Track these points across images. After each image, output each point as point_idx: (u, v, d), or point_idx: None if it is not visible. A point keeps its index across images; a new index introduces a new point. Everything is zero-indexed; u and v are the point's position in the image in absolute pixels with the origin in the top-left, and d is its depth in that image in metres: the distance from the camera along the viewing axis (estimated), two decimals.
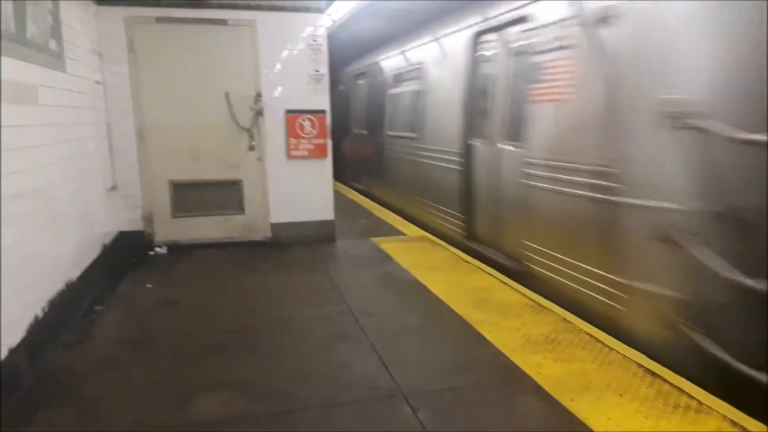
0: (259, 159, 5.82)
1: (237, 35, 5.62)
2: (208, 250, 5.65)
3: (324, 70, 5.84)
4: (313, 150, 5.89)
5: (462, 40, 5.89)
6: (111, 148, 5.37)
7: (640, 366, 2.99)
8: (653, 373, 2.91)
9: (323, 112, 5.88)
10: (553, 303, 3.98)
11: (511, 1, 4.84)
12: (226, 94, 5.64)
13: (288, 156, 5.86)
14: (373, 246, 5.79)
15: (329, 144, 5.95)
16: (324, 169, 6.00)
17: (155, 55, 5.47)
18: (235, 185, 5.83)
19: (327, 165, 6.00)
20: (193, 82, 5.58)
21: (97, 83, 5.08)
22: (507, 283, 4.47)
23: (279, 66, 5.74)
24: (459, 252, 5.59)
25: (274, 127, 5.79)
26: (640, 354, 3.15)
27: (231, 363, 3.15)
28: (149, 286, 4.57)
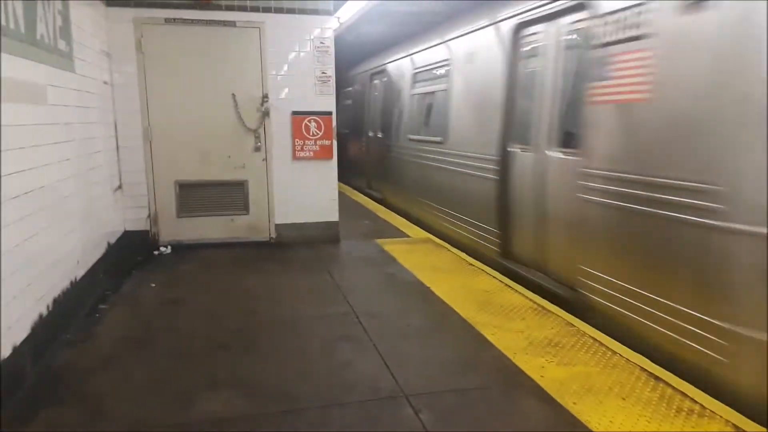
0: (265, 160, 5.85)
1: (245, 37, 5.65)
2: (212, 250, 5.68)
3: (331, 72, 5.86)
4: (319, 151, 5.92)
5: (499, 33, 5.24)
6: (118, 147, 5.42)
7: (643, 370, 2.98)
8: (656, 377, 2.90)
9: (329, 113, 5.91)
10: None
11: None
12: (232, 95, 5.67)
13: (293, 157, 5.89)
14: (377, 247, 5.80)
15: (335, 145, 5.98)
16: (329, 171, 6.02)
17: (163, 56, 5.52)
18: (241, 186, 5.86)
19: (332, 166, 6.03)
20: (201, 83, 5.62)
21: (105, 83, 5.13)
22: (510, 286, 4.46)
23: (286, 68, 5.77)
24: (462, 254, 5.57)
25: (279, 129, 5.83)
26: (643, 358, 3.14)
27: (234, 362, 3.16)
28: (153, 285, 4.59)
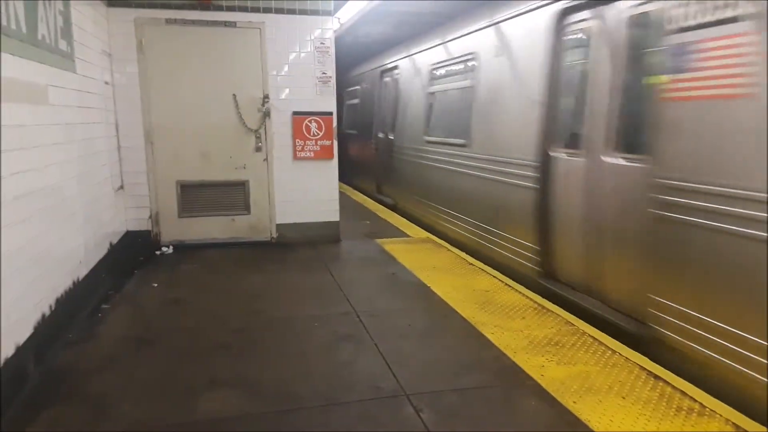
0: (266, 160, 5.86)
1: (245, 37, 5.66)
2: (213, 250, 5.70)
3: (331, 72, 5.88)
4: (319, 151, 5.93)
5: (537, 21, 4.58)
6: (119, 148, 5.44)
7: (642, 369, 2.99)
8: (656, 376, 2.91)
9: (330, 113, 5.93)
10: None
11: None
12: (233, 95, 5.69)
13: (294, 157, 5.90)
14: (378, 247, 5.81)
15: (335, 145, 5.99)
16: (330, 171, 6.04)
17: (164, 57, 5.53)
18: (242, 186, 5.87)
19: (333, 166, 6.04)
20: (202, 83, 5.63)
21: (107, 84, 5.14)
22: (510, 285, 4.48)
23: (286, 68, 5.78)
24: (463, 254, 5.55)
25: (280, 129, 5.84)
26: (643, 357, 3.15)
27: (235, 362, 3.17)
28: (155, 285, 4.61)
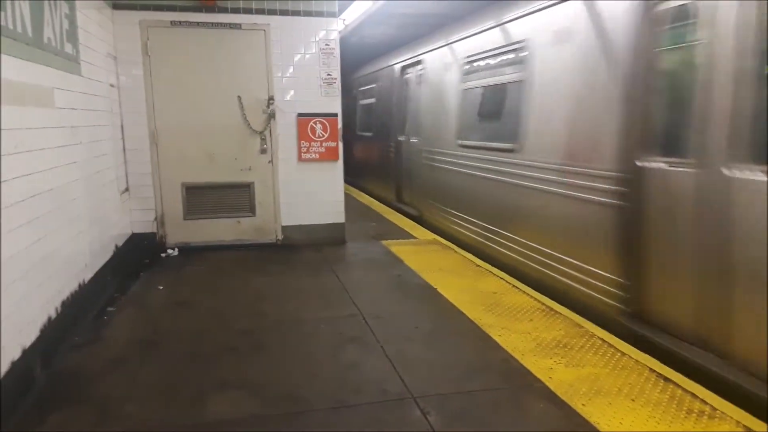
0: (271, 162, 5.86)
1: (250, 39, 5.67)
2: (219, 252, 5.69)
3: (336, 73, 5.87)
4: (324, 153, 5.92)
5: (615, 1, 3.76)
6: (125, 150, 5.45)
7: (652, 371, 2.96)
8: (666, 378, 2.87)
9: (335, 115, 5.92)
10: None
11: None
12: (238, 97, 5.69)
13: (299, 159, 5.89)
14: (384, 249, 5.79)
15: (340, 147, 5.98)
16: (335, 172, 6.03)
17: (169, 59, 5.54)
18: (247, 188, 5.87)
19: (338, 168, 6.03)
20: (207, 85, 5.63)
21: (112, 86, 5.15)
22: (518, 287, 4.45)
23: (291, 70, 5.78)
24: (470, 255, 5.52)
25: (285, 131, 5.84)
26: (652, 359, 3.12)
27: (242, 364, 3.16)
28: (161, 287, 4.61)
